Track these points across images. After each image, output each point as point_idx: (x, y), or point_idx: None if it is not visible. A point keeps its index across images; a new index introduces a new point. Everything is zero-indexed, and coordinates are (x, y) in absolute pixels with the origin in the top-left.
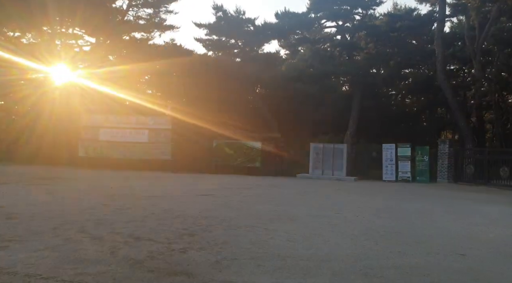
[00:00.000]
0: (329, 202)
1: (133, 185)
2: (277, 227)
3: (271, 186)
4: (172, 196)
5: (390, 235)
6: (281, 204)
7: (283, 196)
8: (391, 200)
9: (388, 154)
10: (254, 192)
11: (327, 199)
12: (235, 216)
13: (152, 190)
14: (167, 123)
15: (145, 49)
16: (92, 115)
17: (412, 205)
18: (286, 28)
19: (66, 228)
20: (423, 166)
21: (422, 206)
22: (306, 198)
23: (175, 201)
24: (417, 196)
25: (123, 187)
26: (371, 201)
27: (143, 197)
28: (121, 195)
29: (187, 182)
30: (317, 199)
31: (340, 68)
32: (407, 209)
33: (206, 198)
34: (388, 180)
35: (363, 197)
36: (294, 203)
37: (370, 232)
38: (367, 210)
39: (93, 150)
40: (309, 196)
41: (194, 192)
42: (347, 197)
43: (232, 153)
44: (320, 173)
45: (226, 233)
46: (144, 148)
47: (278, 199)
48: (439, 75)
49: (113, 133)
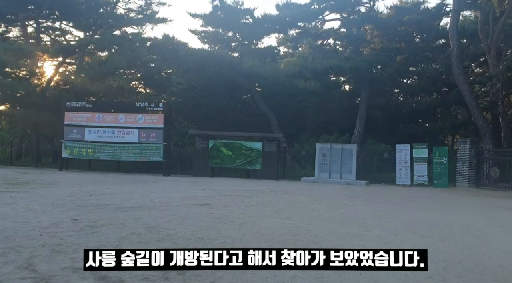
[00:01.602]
0: (349, 213)
1: (117, 191)
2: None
3: (275, 192)
4: (161, 207)
5: (455, 267)
6: (293, 217)
7: (292, 206)
8: (419, 210)
9: (402, 156)
10: (257, 200)
11: (345, 210)
12: (238, 237)
13: (138, 198)
14: (159, 121)
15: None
16: (77, 113)
17: (448, 216)
18: (287, 20)
19: (6, 261)
20: (441, 168)
21: (460, 218)
22: (319, 208)
23: (163, 213)
24: (445, 205)
25: (104, 195)
26: (398, 212)
27: (126, 208)
28: (99, 206)
29: (180, 187)
30: (333, 209)
31: (346, 63)
32: (446, 223)
33: (201, 209)
34: (402, 185)
35: (385, 205)
36: (308, 215)
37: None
38: (399, 225)
39: (78, 151)
40: (323, 206)
41: (188, 200)
42: (367, 206)
43: (230, 154)
44: (327, 176)
45: (232, 272)
46: (133, 148)
47: (287, 210)
48: (454, 70)
49: (99, 132)
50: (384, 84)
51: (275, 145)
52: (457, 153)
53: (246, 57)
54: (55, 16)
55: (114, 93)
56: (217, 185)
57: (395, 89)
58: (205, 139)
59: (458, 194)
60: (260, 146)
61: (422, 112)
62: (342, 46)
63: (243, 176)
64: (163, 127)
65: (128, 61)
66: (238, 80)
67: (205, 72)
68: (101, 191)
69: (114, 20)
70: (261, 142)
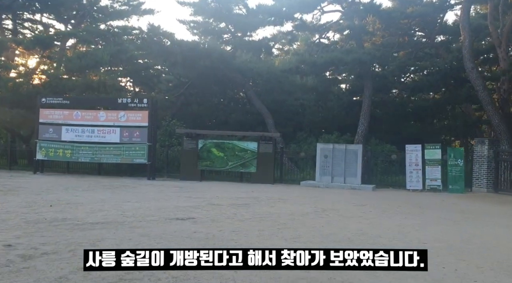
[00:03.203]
0: (369, 230)
1: (87, 199)
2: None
3: (274, 200)
4: (133, 222)
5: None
6: (300, 237)
7: (296, 219)
8: (448, 223)
9: (412, 157)
10: (253, 211)
11: (362, 224)
12: (230, 276)
13: (108, 210)
14: (143, 119)
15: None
16: (53, 110)
17: (486, 232)
18: (284, 11)
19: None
20: (456, 172)
21: (501, 234)
22: (330, 222)
23: (132, 233)
24: (472, 215)
25: (69, 205)
26: (426, 228)
27: (87, 225)
28: (55, 221)
29: (163, 194)
30: (346, 223)
31: (348, 55)
32: (490, 243)
33: (183, 225)
34: (413, 189)
35: (406, 218)
36: (318, 233)
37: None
38: (439, 248)
39: (54, 152)
40: (333, 218)
41: (168, 212)
42: (384, 218)
43: (222, 155)
44: (329, 180)
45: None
46: (115, 149)
47: (292, 226)
48: (466, 64)
49: (78, 131)
50: (387, 80)
51: (271, 145)
52: (473, 154)
53: (240, 51)
54: (34, 7)
55: (95, 89)
56: (207, 190)
57: (398, 85)
58: (194, 138)
59: (479, 200)
60: (255, 146)
61: (429, 110)
62: (341, 40)
63: (236, 179)
64: (147, 126)
65: (111, 55)
66: (231, 76)
67: (195, 66)
68: (68, 199)
69: (98, 12)
70: (256, 142)
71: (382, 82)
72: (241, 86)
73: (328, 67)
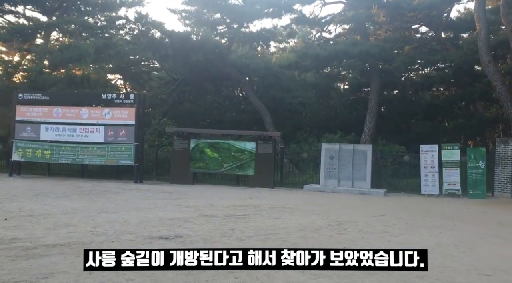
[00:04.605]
0: None
1: (55, 209)
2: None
3: (277, 208)
4: (102, 244)
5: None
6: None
7: (309, 237)
8: (502, 243)
9: (428, 159)
10: (254, 225)
11: (393, 244)
12: None
13: (77, 224)
14: (129, 116)
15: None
16: (31, 107)
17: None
18: (283, 2)
19: None
20: (477, 175)
21: None
22: (351, 240)
23: None
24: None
25: (31, 217)
26: (480, 250)
27: (40, 250)
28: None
29: (148, 202)
30: (372, 242)
31: (354, 48)
32: None
33: (168, 247)
34: (428, 194)
35: (440, 232)
36: None
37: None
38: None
39: (32, 152)
40: (353, 235)
41: (150, 228)
42: (416, 235)
43: (216, 156)
44: (335, 184)
45: None
46: (99, 149)
47: (307, 248)
48: (482, 57)
49: (58, 130)
50: (393, 76)
51: (271, 145)
52: (495, 156)
53: (235, 44)
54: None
55: (78, 84)
56: (199, 197)
57: (406, 81)
58: (186, 138)
59: (510, 208)
60: (253, 146)
61: (440, 107)
62: (343, 35)
63: (231, 183)
64: (134, 124)
65: (97, 48)
66: (226, 71)
67: (187, 61)
68: (32, 210)
69: (85, 5)
70: (254, 142)
71: (387, 78)
72: (237, 82)
73: (332, 61)
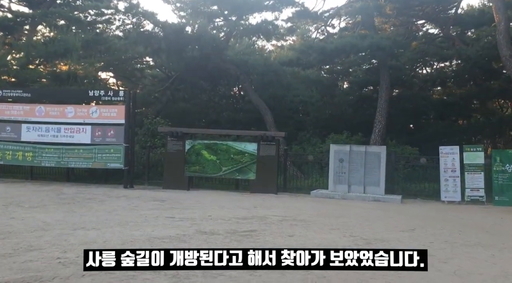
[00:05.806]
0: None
1: (21, 226)
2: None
3: (288, 220)
4: (68, 280)
5: None
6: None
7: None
8: None
9: (448, 162)
10: (262, 245)
11: (444, 276)
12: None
13: (40, 249)
14: (119, 115)
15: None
16: (11, 105)
17: None
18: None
19: None
20: (504, 179)
21: None
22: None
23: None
24: None
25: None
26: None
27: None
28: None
29: (135, 213)
30: (431, 276)
31: (364, 41)
32: None
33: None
34: (449, 201)
35: (497, 258)
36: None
37: None
38: None
39: (12, 154)
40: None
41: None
42: (467, 259)
43: (214, 159)
44: (346, 189)
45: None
46: (85, 151)
47: (338, 280)
48: (502, 50)
49: (41, 130)
50: (402, 73)
51: (274, 147)
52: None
53: (233, 39)
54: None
55: (64, 80)
56: (195, 205)
57: (416, 78)
58: (181, 138)
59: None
60: (254, 148)
61: (454, 105)
62: (347, 30)
63: (231, 188)
64: (124, 123)
65: (85, 42)
66: (223, 67)
67: (182, 55)
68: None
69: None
70: (256, 144)
71: (395, 75)
72: (235, 79)
73: (339, 55)
